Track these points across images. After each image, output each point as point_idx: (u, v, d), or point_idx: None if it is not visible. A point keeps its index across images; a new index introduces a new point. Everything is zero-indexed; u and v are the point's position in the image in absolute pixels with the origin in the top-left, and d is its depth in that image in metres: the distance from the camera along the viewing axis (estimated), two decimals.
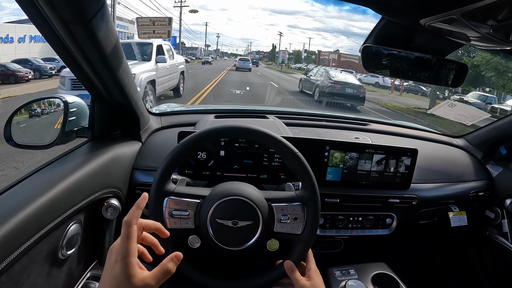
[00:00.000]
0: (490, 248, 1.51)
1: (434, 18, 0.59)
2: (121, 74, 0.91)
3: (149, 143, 1.24)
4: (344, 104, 10.39)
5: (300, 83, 13.65)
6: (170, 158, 0.81)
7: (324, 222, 1.22)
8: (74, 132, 1.06)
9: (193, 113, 1.63)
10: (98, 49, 0.76)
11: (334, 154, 1.16)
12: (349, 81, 11.10)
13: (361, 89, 10.93)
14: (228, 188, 0.82)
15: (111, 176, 1.01)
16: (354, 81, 11.51)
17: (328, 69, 13.32)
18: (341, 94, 10.31)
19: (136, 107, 1.10)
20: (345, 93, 10.34)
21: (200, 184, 1.08)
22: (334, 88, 10.43)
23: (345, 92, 10.36)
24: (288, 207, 0.82)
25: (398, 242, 1.57)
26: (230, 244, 0.80)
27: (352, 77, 13.07)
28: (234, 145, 1.10)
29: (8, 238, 0.64)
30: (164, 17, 11.32)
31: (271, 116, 1.53)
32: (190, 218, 0.80)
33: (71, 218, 0.84)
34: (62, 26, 0.68)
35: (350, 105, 10.55)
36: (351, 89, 10.52)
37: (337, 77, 11.26)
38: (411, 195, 1.26)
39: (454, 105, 2.05)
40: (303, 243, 0.82)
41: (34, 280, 0.74)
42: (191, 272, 0.80)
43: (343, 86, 10.49)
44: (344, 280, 1.06)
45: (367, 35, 0.88)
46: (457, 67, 0.95)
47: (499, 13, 0.51)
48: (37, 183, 0.80)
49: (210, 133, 0.83)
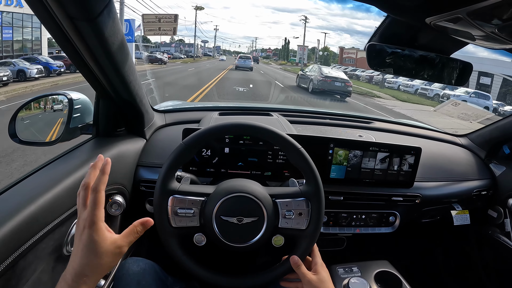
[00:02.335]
0: (492, 247, 1.51)
1: (440, 17, 0.59)
2: (126, 71, 0.91)
3: (154, 140, 1.25)
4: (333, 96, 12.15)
5: (297, 79, 15.15)
6: (174, 157, 0.81)
7: (327, 220, 1.22)
8: (78, 129, 1.06)
9: (197, 110, 1.63)
10: (104, 45, 0.77)
11: (338, 152, 1.16)
12: (337, 76, 12.75)
13: (348, 83, 12.53)
14: (232, 185, 0.82)
15: (115, 173, 1.01)
16: (342, 76, 13.11)
17: (321, 66, 15.09)
18: (330, 86, 12.08)
19: (141, 104, 1.10)
20: (334, 86, 12.10)
21: (204, 181, 1.08)
22: (325, 82, 12.17)
23: (334, 85, 12.11)
24: (292, 202, 0.82)
25: (401, 240, 1.57)
26: (235, 241, 0.80)
27: (341, 72, 14.78)
28: (238, 142, 1.11)
29: (14, 234, 0.64)
30: (169, 14, 11.27)
31: (275, 113, 1.54)
32: (195, 216, 0.80)
33: (76, 214, 0.85)
34: (69, 22, 0.68)
35: (339, 97, 12.18)
36: (339, 83, 12.23)
37: (328, 73, 12.97)
38: (415, 194, 1.26)
39: (457, 103, 2.05)
40: (308, 238, 0.82)
41: (39, 276, 0.74)
42: (198, 269, 0.81)
43: (333, 80, 12.21)
44: (347, 278, 1.06)
45: (371, 33, 0.88)
46: (461, 65, 0.95)
47: (504, 13, 0.51)
48: (42, 180, 0.81)
49: (214, 131, 0.84)
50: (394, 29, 0.81)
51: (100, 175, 0.64)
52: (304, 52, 49.12)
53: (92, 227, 0.60)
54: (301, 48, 50.29)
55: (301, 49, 49.95)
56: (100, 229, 0.60)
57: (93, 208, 0.61)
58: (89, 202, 0.61)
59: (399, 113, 10.59)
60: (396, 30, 0.82)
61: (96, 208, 0.61)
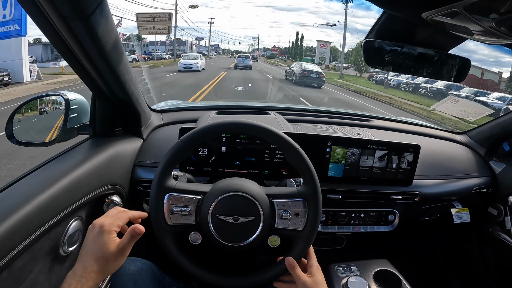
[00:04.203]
0: (492, 245, 1.50)
1: (437, 11, 0.58)
2: (121, 70, 0.91)
3: (151, 139, 1.24)
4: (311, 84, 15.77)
5: (285, 73, 19.39)
6: (171, 154, 0.81)
7: (326, 219, 1.22)
8: (75, 129, 1.06)
9: (194, 110, 1.63)
10: (97, 45, 0.76)
11: (336, 150, 1.16)
12: (313, 69, 17.00)
13: (321, 75, 16.62)
14: (229, 184, 0.82)
15: (112, 173, 1.01)
16: (317, 69, 17.57)
17: (301, 63, 20.28)
18: (308, 78, 15.98)
19: (137, 103, 1.10)
20: (310, 77, 16.04)
21: (201, 180, 1.08)
22: (304, 74, 16.15)
23: (311, 76, 16.08)
24: (289, 203, 0.81)
25: (401, 239, 1.57)
26: (231, 240, 0.80)
27: (316, 66, 20.01)
28: (235, 141, 1.10)
29: (9, 234, 0.64)
30: (164, 13, 11.13)
31: (272, 112, 1.53)
32: (191, 215, 0.80)
33: (73, 214, 0.84)
34: (61, 21, 0.68)
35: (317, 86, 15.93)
36: (314, 74, 16.32)
37: (306, 67, 17.29)
38: (414, 192, 1.26)
39: (456, 101, 2.04)
40: (305, 239, 0.82)
41: (35, 277, 0.74)
42: (192, 268, 0.80)
43: (310, 73, 16.29)
44: (346, 277, 1.06)
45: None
46: (460, 62, 0.94)
47: (501, 6, 0.50)
48: (38, 180, 0.80)
49: (211, 129, 0.83)
50: (390, 25, 0.81)
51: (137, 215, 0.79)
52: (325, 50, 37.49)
53: (110, 232, 0.70)
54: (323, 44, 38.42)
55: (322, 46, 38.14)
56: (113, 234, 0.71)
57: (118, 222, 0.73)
58: (119, 217, 0.75)
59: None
60: (393, 26, 0.81)
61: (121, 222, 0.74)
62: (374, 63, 0.90)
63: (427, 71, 0.93)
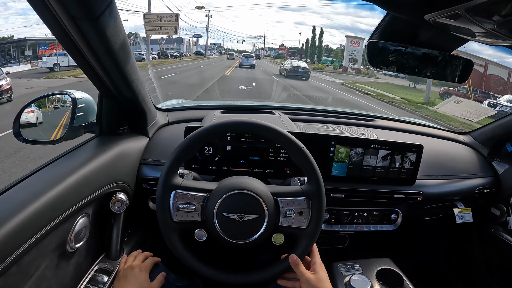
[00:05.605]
0: (495, 245, 1.50)
1: (439, 13, 0.59)
2: (128, 70, 0.92)
3: (156, 138, 1.26)
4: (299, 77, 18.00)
5: (279, 69, 21.35)
6: (178, 152, 0.82)
7: (329, 217, 1.22)
8: (82, 128, 1.07)
9: (200, 109, 1.64)
10: (106, 45, 0.77)
11: (340, 150, 1.16)
12: (300, 65, 19.68)
13: (307, 70, 19.36)
14: (234, 182, 0.83)
15: (118, 171, 1.03)
16: (304, 65, 20.28)
17: (291, 60, 24.50)
18: (296, 72, 18.45)
19: (144, 102, 1.11)
20: (298, 71, 18.55)
21: (206, 179, 1.09)
22: (293, 69, 18.73)
23: (298, 71, 18.59)
24: (293, 201, 0.82)
25: (403, 238, 1.57)
26: (236, 238, 0.81)
27: (303, 63, 22.27)
28: (240, 140, 1.11)
29: (18, 231, 0.65)
30: (171, 13, 11.13)
31: (277, 111, 1.54)
32: (197, 212, 0.81)
33: (80, 211, 0.86)
34: (71, 22, 0.69)
35: (304, 78, 18.08)
36: (302, 69, 18.94)
37: (294, 64, 20.14)
38: (417, 191, 1.26)
39: (460, 101, 2.04)
40: (308, 237, 0.83)
41: (43, 273, 0.75)
42: (197, 264, 0.82)
43: (297, 68, 18.95)
44: (348, 275, 1.06)
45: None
46: (463, 63, 0.94)
47: (503, 8, 0.51)
48: (46, 178, 0.82)
49: (217, 128, 0.84)
50: (394, 27, 0.81)
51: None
52: (357, 49, 28.75)
53: (146, 271, 0.92)
54: (354, 41, 29.48)
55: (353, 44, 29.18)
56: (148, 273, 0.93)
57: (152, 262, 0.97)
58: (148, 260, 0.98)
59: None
60: (396, 27, 0.82)
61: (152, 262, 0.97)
62: (378, 64, 0.90)
63: (430, 71, 0.93)
